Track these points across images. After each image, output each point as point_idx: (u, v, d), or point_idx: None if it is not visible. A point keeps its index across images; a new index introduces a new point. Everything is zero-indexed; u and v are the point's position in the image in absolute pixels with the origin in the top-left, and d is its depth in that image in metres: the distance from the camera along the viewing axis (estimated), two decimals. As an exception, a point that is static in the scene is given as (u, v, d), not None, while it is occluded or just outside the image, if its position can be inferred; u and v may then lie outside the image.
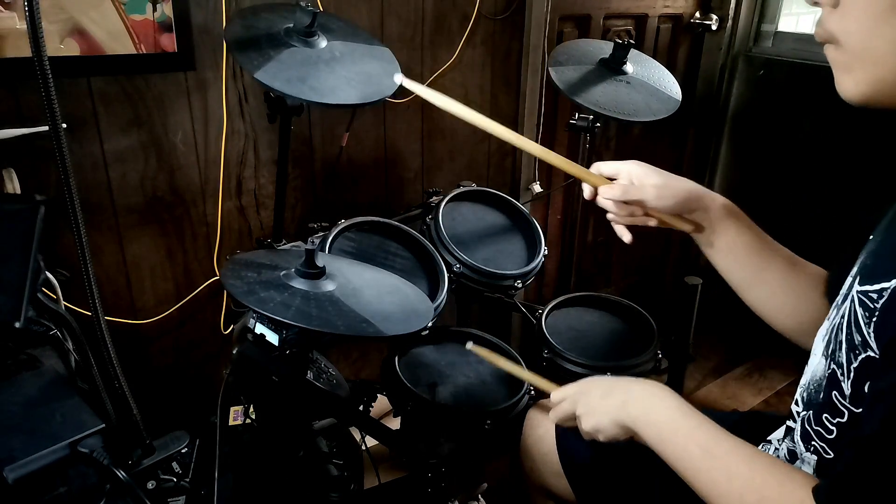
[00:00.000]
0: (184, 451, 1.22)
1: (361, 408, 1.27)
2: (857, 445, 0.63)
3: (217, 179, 1.58)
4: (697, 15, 2.34)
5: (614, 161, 0.93)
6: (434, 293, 1.27)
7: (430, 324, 1.07)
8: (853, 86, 0.64)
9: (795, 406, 0.83)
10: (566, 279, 1.91)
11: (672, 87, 1.62)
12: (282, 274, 0.95)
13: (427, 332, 1.06)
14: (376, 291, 1.02)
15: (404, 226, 1.38)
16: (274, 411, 1.21)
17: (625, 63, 1.58)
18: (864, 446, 0.62)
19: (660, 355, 1.37)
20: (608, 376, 1.09)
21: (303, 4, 1.26)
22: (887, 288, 0.62)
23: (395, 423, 1.27)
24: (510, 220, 1.55)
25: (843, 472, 0.64)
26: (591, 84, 1.52)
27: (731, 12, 2.32)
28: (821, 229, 2.23)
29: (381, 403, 1.28)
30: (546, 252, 1.47)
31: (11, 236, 0.97)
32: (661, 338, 1.40)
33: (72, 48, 1.32)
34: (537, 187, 2.11)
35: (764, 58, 2.35)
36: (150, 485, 1.19)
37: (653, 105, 1.54)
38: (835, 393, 0.71)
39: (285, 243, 1.43)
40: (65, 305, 1.23)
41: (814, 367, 0.78)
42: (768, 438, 0.93)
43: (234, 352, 1.12)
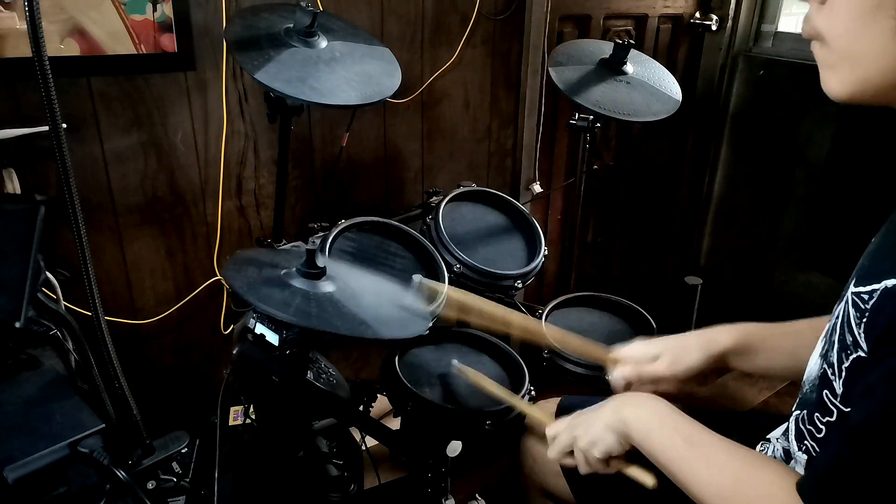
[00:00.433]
0: (184, 451, 1.22)
1: (361, 408, 1.27)
2: (843, 436, 0.64)
3: (217, 179, 1.58)
4: (697, 15, 2.34)
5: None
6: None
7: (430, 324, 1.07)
8: (838, 84, 0.64)
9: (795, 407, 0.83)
10: (566, 279, 1.91)
11: (672, 88, 1.62)
12: (282, 273, 0.95)
13: (427, 332, 1.06)
14: (375, 295, 1.03)
15: (404, 226, 1.38)
16: (274, 411, 1.21)
17: (625, 63, 1.58)
18: (851, 437, 0.63)
19: (660, 355, 1.36)
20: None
21: (303, 4, 1.26)
22: (877, 289, 0.63)
23: (395, 423, 1.27)
24: (510, 221, 1.55)
25: (828, 461, 0.65)
26: (591, 84, 1.52)
27: (731, 12, 2.32)
28: (821, 229, 2.24)
29: (381, 403, 1.28)
30: (546, 252, 1.46)
31: (11, 236, 0.97)
32: (661, 338, 1.39)
33: (72, 48, 1.32)
34: (537, 187, 2.11)
35: (764, 58, 2.34)
36: (150, 485, 1.19)
37: (653, 105, 1.54)
38: (826, 392, 0.71)
39: (285, 243, 1.43)
40: (65, 305, 1.24)
41: (811, 368, 0.79)
42: (768, 437, 0.94)
43: (234, 352, 1.12)
